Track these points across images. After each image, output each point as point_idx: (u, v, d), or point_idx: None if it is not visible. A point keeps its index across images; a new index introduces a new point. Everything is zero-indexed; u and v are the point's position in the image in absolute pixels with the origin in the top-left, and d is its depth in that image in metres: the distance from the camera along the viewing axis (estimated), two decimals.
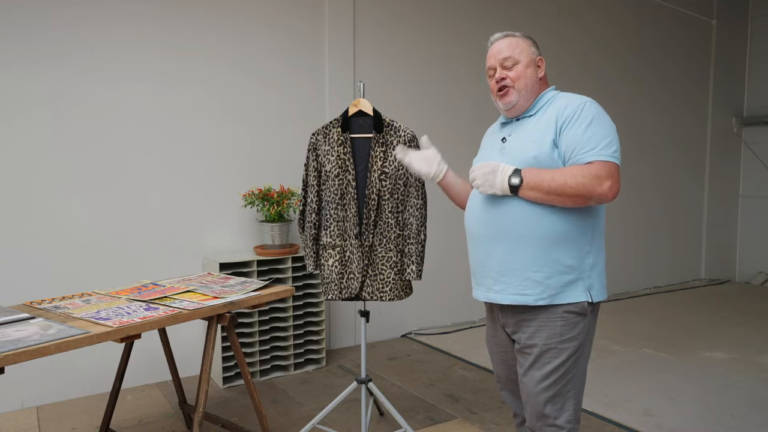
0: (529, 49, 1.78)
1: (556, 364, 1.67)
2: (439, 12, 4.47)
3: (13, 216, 3.02)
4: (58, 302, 2.21)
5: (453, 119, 4.58)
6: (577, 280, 1.66)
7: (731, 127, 6.79)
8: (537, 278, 1.65)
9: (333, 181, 2.50)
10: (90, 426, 2.85)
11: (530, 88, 1.76)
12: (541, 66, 1.78)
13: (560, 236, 1.64)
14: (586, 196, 1.57)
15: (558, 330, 1.66)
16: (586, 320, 1.69)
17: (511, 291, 1.69)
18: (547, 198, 1.60)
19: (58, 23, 3.07)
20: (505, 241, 1.68)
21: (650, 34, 5.97)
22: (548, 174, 1.60)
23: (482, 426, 2.84)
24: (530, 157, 1.66)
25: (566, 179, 1.58)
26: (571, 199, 1.58)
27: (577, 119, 1.63)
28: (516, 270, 1.67)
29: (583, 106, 1.65)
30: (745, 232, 6.89)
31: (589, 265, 1.69)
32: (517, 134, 1.76)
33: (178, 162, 3.45)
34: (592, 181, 1.56)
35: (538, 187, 1.60)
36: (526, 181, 1.61)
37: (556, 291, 1.66)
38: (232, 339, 2.34)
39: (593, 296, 1.69)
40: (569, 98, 1.71)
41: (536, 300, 1.66)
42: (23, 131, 3.03)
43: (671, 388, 3.33)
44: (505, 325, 1.80)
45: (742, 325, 4.74)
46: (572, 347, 1.67)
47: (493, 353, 1.92)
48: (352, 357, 3.88)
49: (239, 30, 3.61)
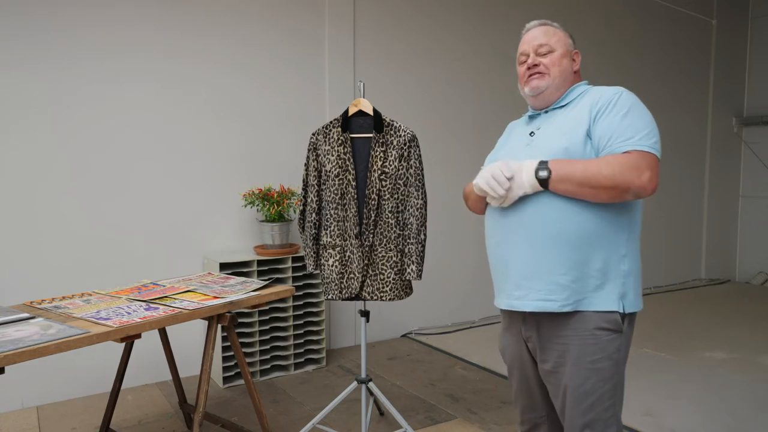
0: (565, 40, 1.67)
1: (590, 386, 1.50)
2: (439, 12, 4.47)
3: (13, 216, 3.02)
4: (58, 302, 2.21)
5: (453, 119, 4.58)
6: (606, 286, 1.49)
7: (731, 127, 6.79)
8: (563, 282, 1.48)
9: (333, 181, 2.50)
10: (90, 426, 2.85)
11: (564, 78, 1.63)
12: (576, 59, 1.67)
13: (592, 236, 1.48)
14: (622, 188, 1.41)
15: (589, 349, 1.49)
16: (621, 337, 1.52)
17: (534, 296, 1.52)
18: (579, 191, 1.44)
19: (57, 24, 3.07)
20: (529, 242, 1.52)
21: (650, 34, 5.97)
22: (580, 164, 1.44)
23: (482, 426, 2.84)
24: (561, 148, 1.50)
25: (600, 168, 1.41)
26: (606, 191, 1.42)
27: (613, 107, 1.50)
28: (541, 273, 1.50)
29: (620, 95, 1.52)
30: (745, 232, 6.89)
31: (623, 271, 1.51)
32: (546, 127, 1.62)
33: (178, 162, 3.45)
34: (630, 172, 1.40)
35: (569, 178, 1.43)
36: (555, 173, 1.44)
37: (582, 296, 1.49)
38: (232, 339, 2.34)
39: (626, 306, 1.50)
40: (603, 89, 1.59)
41: (561, 306, 1.49)
42: (23, 132, 3.03)
43: (671, 388, 3.32)
44: (528, 339, 1.64)
45: (742, 325, 4.74)
46: (607, 368, 1.50)
47: (513, 367, 1.74)
48: (352, 357, 3.88)
49: (240, 31, 3.61)
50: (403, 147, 2.50)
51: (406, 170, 2.50)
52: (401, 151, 2.50)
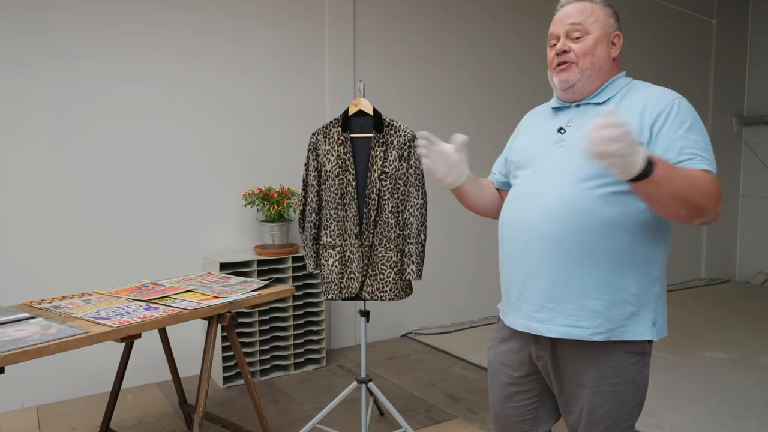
0: (606, 20, 1.41)
1: (608, 409, 1.37)
2: (439, 13, 4.46)
3: (13, 216, 3.02)
4: (58, 302, 2.21)
5: (452, 120, 4.57)
6: (641, 313, 1.35)
7: (731, 127, 6.79)
8: (596, 307, 1.32)
9: (333, 181, 2.50)
10: (90, 426, 2.84)
11: (598, 68, 1.40)
12: (617, 44, 1.43)
13: (630, 256, 1.32)
14: (703, 211, 1.24)
15: (611, 372, 1.36)
16: (645, 359, 1.40)
17: (561, 321, 1.34)
18: (665, 199, 1.21)
19: (57, 25, 3.07)
20: (560, 257, 1.33)
21: (650, 34, 5.97)
22: (681, 170, 1.24)
23: (482, 426, 2.84)
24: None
25: (698, 182, 1.22)
26: (688, 208, 1.22)
27: (676, 117, 1.31)
28: (571, 296, 1.33)
29: (679, 103, 1.33)
30: (745, 232, 6.89)
31: (655, 294, 1.38)
32: (579, 126, 1.38)
33: (178, 162, 3.45)
34: (717, 195, 1.24)
35: (669, 181, 1.19)
36: (658, 170, 1.17)
37: (616, 324, 1.33)
38: (232, 339, 2.34)
39: (656, 333, 1.38)
40: (655, 90, 1.37)
41: (592, 334, 1.32)
42: (23, 133, 3.03)
43: (671, 388, 3.32)
44: (539, 359, 1.46)
45: (742, 325, 4.74)
46: (629, 390, 1.38)
47: (496, 382, 1.56)
48: (352, 357, 3.88)
49: (240, 31, 3.60)
50: (403, 147, 2.50)
51: (406, 170, 2.50)
52: (401, 151, 2.50)
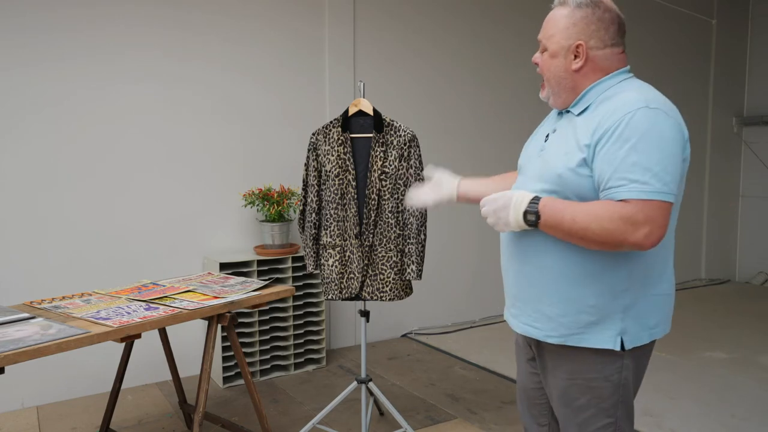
0: (564, 32, 1.37)
1: (585, 402, 1.39)
2: (439, 13, 4.46)
3: (13, 216, 3.02)
4: (58, 302, 2.21)
5: (452, 120, 4.57)
6: (602, 322, 1.35)
7: (731, 127, 6.78)
8: (549, 313, 1.38)
9: (333, 181, 2.50)
10: (90, 426, 2.84)
11: (557, 83, 1.40)
12: (579, 54, 1.36)
13: (584, 271, 1.34)
14: (614, 245, 1.24)
15: (585, 368, 1.38)
16: (623, 361, 1.38)
17: (523, 319, 1.46)
18: (564, 238, 1.30)
19: (57, 25, 3.07)
20: (520, 265, 1.44)
21: (650, 34, 5.97)
22: (569, 212, 1.27)
23: (482, 426, 2.84)
24: (554, 175, 1.34)
25: (589, 223, 1.23)
26: (596, 245, 1.26)
27: (620, 136, 1.23)
28: (528, 299, 1.43)
29: (630, 118, 1.24)
30: (745, 232, 6.89)
31: (621, 305, 1.34)
32: (558, 135, 1.41)
33: (177, 162, 3.45)
34: (623, 228, 1.20)
35: (557, 228, 1.29)
36: (544, 219, 1.29)
37: (571, 331, 1.36)
38: (232, 339, 2.34)
39: (626, 342, 1.35)
40: (618, 102, 1.30)
41: (546, 336, 1.40)
42: (23, 134, 3.03)
43: (671, 388, 3.32)
44: (529, 345, 1.55)
45: (742, 325, 4.74)
46: (605, 387, 1.38)
47: (521, 359, 1.65)
48: (352, 357, 3.88)
49: (240, 31, 3.60)
50: (403, 147, 2.50)
51: (406, 170, 2.50)
52: (401, 151, 2.50)
